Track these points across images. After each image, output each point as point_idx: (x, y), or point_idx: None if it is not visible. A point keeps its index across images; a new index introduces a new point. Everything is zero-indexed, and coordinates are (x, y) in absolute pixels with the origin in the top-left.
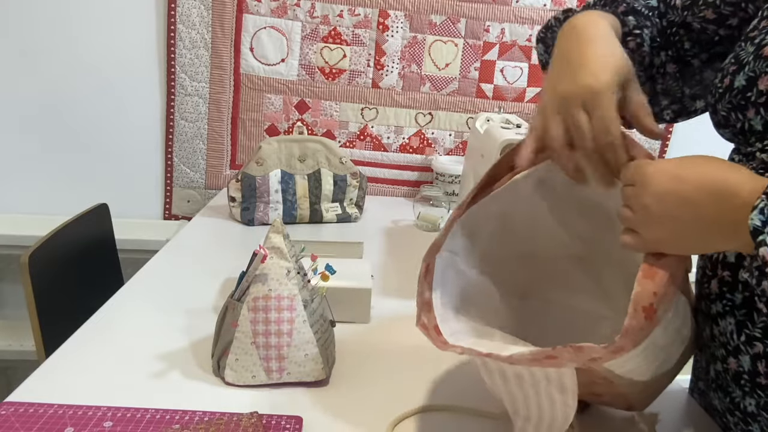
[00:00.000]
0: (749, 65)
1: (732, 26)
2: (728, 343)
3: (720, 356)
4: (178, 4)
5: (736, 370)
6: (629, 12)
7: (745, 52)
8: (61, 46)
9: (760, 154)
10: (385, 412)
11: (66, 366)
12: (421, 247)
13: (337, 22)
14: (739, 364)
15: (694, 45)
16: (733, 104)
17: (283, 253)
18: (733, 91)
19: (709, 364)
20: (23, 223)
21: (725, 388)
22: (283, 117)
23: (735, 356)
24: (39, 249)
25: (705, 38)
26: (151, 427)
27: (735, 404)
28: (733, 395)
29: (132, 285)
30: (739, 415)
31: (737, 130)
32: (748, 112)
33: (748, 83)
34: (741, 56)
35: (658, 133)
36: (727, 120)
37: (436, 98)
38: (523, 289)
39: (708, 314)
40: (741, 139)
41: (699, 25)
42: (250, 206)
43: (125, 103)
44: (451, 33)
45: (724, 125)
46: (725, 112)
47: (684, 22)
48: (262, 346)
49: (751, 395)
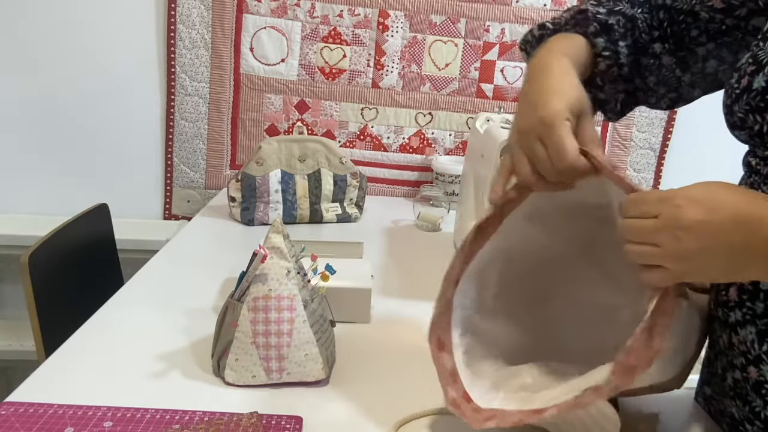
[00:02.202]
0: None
1: (740, 17)
2: (748, 352)
3: (739, 365)
4: (178, 4)
5: (757, 379)
6: (599, 32)
7: (764, 53)
8: (61, 47)
9: None
10: (385, 412)
11: (66, 366)
12: (421, 247)
13: (337, 22)
14: (760, 374)
15: (701, 34)
16: (752, 106)
17: (283, 253)
18: (752, 92)
19: (725, 371)
20: (23, 223)
21: (744, 397)
22: (283, 117)
23: (756, 365)
24: (39, 249)
25: (713, 28)
26: (151, 427)
27: (755, 413)
28: (753, 404)
29: (132, 285)
30: (760, 425)
31: (754, 133)
32: (767, 114)
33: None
34: (759, 56)
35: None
36: (744, 122)
37: (436, 98)
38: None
39: (726, 322)
40: (758, 141)
41: (707, 15)
42: (250, 206)
43: (125, 103)
44: (451, 33)
45: (740, 127)
46: (742, 114)
47: (692, 11)
48: (262, 346)
49: None
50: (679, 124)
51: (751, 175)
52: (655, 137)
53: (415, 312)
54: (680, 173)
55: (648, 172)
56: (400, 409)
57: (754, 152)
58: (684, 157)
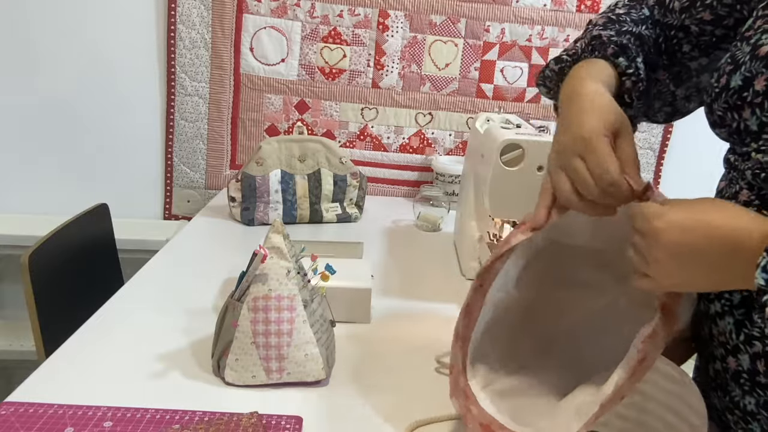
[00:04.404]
0: (745, 65)
1: (728, 26)
2: (727, 343)
3: (719, 355)
4: (178, 4)
5: (736, 369)
6: (619, 52)
7: (741, 52)
8: (61, 47)
9: (756, 155)
10: (385, 411)
11: (66, 366)
12: (421, 247)
13: (337, 22)
14: (738, 363)
15: (693, 48)
16: (729, 104)
17: (283, 253)
18: (730, 90)
19: (707, 363)
20: (23, 223)
21: (724, 387)
22: (283, 117)
23: (734, 355)
24: (39, 249)
25: (703, 41)
26: (151, 427)
27: (735, 403)
28: (732, 394)
29: (132, 285)
30: (739, 414)
31: (733, 130)
32: (743, 112)
33: (744, 83)
34: (737, 56)
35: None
36: (723, 120)
37: (436, 98)
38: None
39: (707, 314)
40: (736, 138)
41: (697, 28)
42: (250, 206)
43: (125, 103)
44: (451, 33)
45: (719, 125)
46: (721, 112)
47: (682, 25)
48: (262, 346)
49: (751, 394)
50: (679, 124)
51: (730, 172)
52: (654, 137)
53: (415, 312)
54: (680, 173)
55: (648, 171)
56: (400, 409)
57: (733, 149)
58: (684, 157)
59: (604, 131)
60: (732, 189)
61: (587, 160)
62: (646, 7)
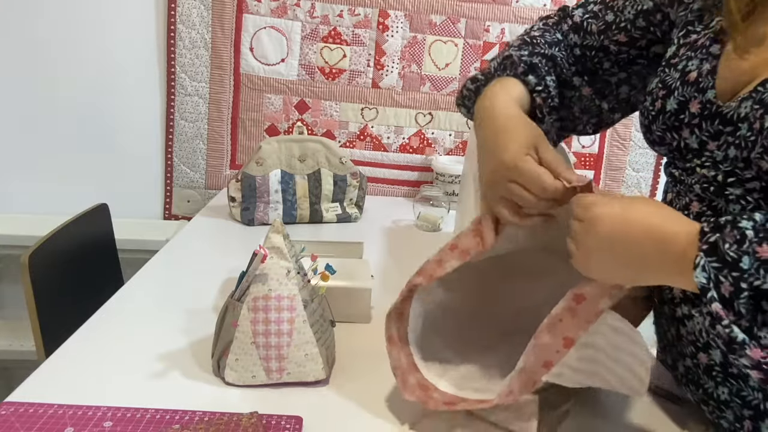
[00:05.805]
0: (678, 90)
1: (641, 47)
2: (697, 341)
3: (689, 353)
4: (178, 4)
5: (707, 363)
6: (528, 71)
7: (671, 78)
8: (61, 46)
9: (701, 170)
10: (385, 411)
11: (66, 366)
12: (421, 247)
13: (337, 22)
14: (710, 358)
15: (612, 65)
16: (668, 125)
17: (283, 253)
18: (666, 113)
19: (676, 361)
20: (23, 223)
21: (696, 381)
22: (283, 117)
23: (705, 351)
24: (39, 249)
25: (621, 59)
26: (151, 427)
27: (708, 394)
28: (705, 386)
29: (132, 285)
30: (714, 404)
31: (673, 148)
32: (683, 132)
33: (679, 106)
34: (668, 81)
35: (580, 182)
36: (663, 139)
37: (436, 98)
38: None
39: (673, 317)
40: (677, 155)
41: (615, 48)
42: (250, 206)
43: (125, 103)
44: (451, 33)
45: (659, 143)
46: (660, 132)
47: (602, 46)
48: (262, 346)
49: (724, 384)
50: None
51: (676, 185)
52: None
53: None
54: None
55: (647, 171)
56: (399, 409)
57: (675, 164)
58: None
59: (525, 150)
60: (682, 201)
61: (521, 182)
62: (559, 32)
